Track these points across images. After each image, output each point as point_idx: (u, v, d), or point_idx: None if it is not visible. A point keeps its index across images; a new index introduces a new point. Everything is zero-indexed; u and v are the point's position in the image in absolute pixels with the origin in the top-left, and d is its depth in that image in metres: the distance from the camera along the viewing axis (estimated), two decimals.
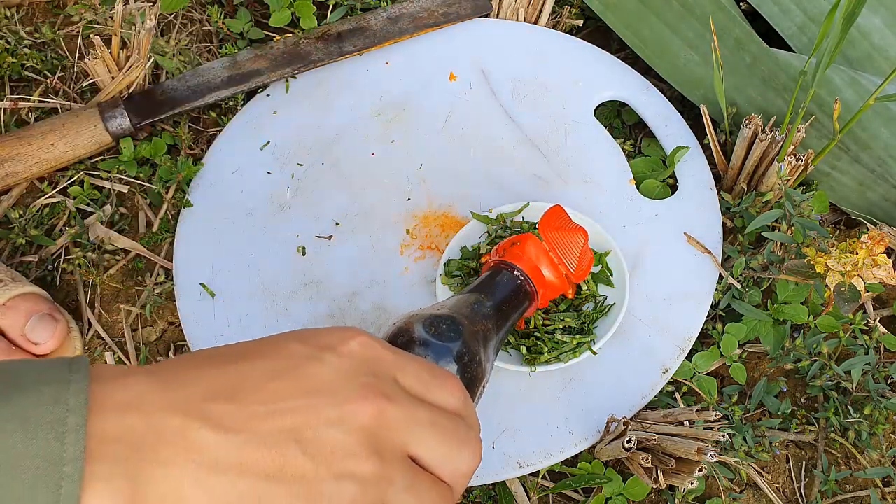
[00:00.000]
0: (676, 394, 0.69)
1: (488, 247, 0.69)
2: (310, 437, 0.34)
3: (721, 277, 0.72)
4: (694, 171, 0.77)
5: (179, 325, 0.70)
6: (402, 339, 0.48)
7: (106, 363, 0.69)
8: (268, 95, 0.80)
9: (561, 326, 0.66)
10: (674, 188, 0.77)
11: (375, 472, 0.34)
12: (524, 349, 0.65)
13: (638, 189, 0.77)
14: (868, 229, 0.68)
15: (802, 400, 0.72)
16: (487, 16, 0.85)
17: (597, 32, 0.88)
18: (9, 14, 0.83)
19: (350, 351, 0.37)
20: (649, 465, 0.60)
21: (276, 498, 0.32)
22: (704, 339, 0.72)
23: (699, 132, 0.79)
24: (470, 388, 0.47)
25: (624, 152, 0.78)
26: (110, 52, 0.75)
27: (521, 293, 0.59)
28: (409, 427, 0.36)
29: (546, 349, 0.65)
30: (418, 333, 0.47)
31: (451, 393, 0.39)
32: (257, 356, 0.36)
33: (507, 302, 0.57)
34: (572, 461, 0.67)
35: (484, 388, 0.50)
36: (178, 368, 0.35)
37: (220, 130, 0.79)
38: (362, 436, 0.34)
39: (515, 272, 0.59)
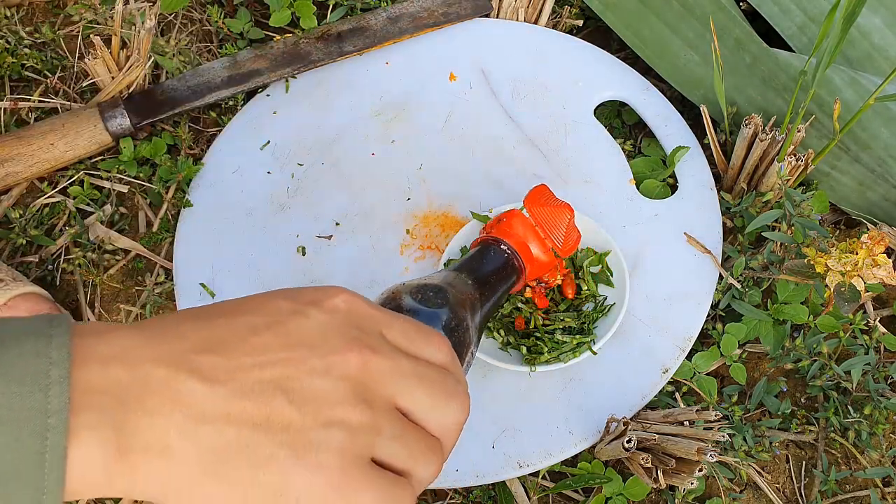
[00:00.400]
0: (676, 394, 0.69)
1: None
2: (295, 387, 0.34)
3: (721, 277, 0.72)
4: (694, 171, 0.77)
5: None
6: (389, 306, 0.48)
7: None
8: (268, 95, 0.80)
9: (561, 326, 0.66)
10: (674, 188, 0.77)
11: (364, 421, 0.34)
12: (524, 349, 0.65)
13: (638, 189, 0.77)
14: (868, 229, 0.68)
15: (802, 400, 0.72)
16: (487, 16, 0.85)
17: (597, 32, 0.88)
18: (9, 14, 0.83)
19: (335, 306, 0.37)
20: (649, 465, 0.60)
21: (263, 446, 0.32)
22: (704, 339, 0.72)
23: (699, 132, 0.79)
24: (457, 351, 0.47)
25: (624, 152, 0.78)
26: (110, 52, 0.75)
27: (508, 267, 0.60)
28: (395, 379, 0.36)
29: (546, 349, 0.65)
30: (406, 301, 0.47)
31: (438, 348, 0.39)
32: (242, 312, 0.36)
33: (494, 274, 0.58)
34: (572, 461, 0.67)
35: (473, 355, 0.50)
36: (163, 324, 0.35)
37: (220, 130, 0.79)
38: (349, 385, 0.35)
39: (503, 246, 0.60)
